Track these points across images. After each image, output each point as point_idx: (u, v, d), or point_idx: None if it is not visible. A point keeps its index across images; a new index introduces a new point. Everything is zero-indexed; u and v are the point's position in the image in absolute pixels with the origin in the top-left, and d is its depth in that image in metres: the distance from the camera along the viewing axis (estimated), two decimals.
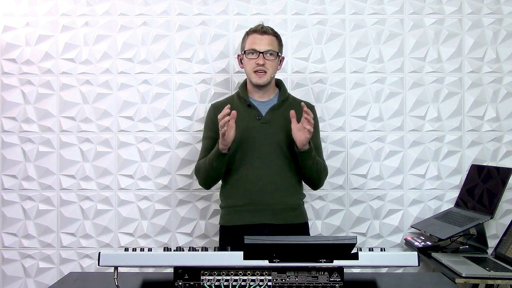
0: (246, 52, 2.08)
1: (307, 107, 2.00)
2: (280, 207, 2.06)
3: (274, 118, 2.10)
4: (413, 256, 1.46)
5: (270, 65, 2.07)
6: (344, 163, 2.62)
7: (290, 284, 1.46)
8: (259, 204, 2.05)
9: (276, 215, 2.06)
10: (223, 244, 2.11)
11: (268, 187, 2.05)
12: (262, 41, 2.07)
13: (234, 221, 2.09)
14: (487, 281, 2.01)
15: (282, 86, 2.20)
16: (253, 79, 2.08)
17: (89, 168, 2.61)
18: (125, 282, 1.56)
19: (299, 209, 2.15)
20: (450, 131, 2.62)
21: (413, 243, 2.43)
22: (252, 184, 2.05)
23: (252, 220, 2.05)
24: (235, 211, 2.10)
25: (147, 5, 2.61)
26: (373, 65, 2.62)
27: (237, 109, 2.13)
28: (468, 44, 2.61)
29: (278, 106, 2.12)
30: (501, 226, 2.55)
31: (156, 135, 2.62)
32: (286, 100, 2.16)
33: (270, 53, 2.07)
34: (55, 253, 2.62)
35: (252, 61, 2.07)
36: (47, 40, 2.61)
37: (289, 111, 2.11)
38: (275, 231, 2.04)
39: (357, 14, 2.62)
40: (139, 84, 2.61)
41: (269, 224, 2.05)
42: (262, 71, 2.06)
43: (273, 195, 2.05)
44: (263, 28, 2.10)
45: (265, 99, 2.14)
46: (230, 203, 2.12)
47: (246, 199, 2.06)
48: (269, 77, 2.08)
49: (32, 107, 2.61)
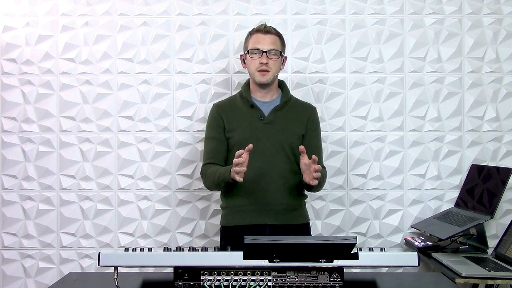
0: (250, 52, 2.10)
1: (312, 111, 2.12)
2: (281, 207, 2.07)
3: (277, 119, 2.11)
4: (413, 256, 1.46)
5: (273, 64, 2.09)
6: (344, 163, 2.62)
7: (290, 284, 1.46)
8: (261, 204, 2.05)
9: (277, 215, 2.06)
10: (224, 244, 2.11)
11: (270, 188, 2.05)
12: (265, 41, 2.08)
13: (235, 222, 2.10)
14: (487, 281, 2.01)
15: (284, 87, 2.21)
16: (257, 77, 2.09)
17: (89, 168, 2.61)
18: (125, 282, 1.56)
19: (301, 210, 2.16)
20: (450, 131, 2.62)
21: (413, 243, 2.43)
22: (253, 184, 2.05)
23: (253, 221, 2.05)
24: (236, 211, 2.10)
25: (147, 5, 2.61)
26: (373, 65, 2.62)
27: (240, 109, 2.14)
28: (468, 44, 2.61)
29: (280, 107, 2.13)
30: (501, 226, 2.55)
31: (156, 135, 2.62)
32: (288, 101, 2.17)
33: (273, 53, 2.08)
34: (55, 253, 2.62)
35: (256, 60, 2.08)
36: (47, 40, 2.61)
37: (291, 112, 2.13)
38: (276, 231, 2.04)
39: (357, 14, 2.62)
40: (139, 84, 2.61)
41: (270, 225, 2.05)
42: (265, 70, 2.07)
43: (275, 196, 2.06)
44: (266, 27, 2.11)
45: (268, 100, 2.15)
46: (231, 204, 2.12)
47: (248, 200, 2.07)
48: (272, 76, 2.10)
49: (32, 107, 2.61)
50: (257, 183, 2.05)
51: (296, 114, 2.15)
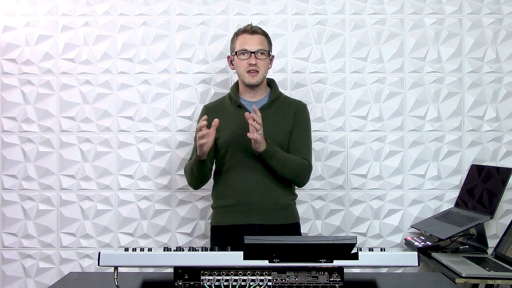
0: (238, 53, 2.08)
1: (300, 107, 2.06)
2: (269, 207, 2.06)
3: (264, 118, 2.07)
4: (413, 256, 1.46)
5: (262, 64, 2.07)
6: (344, 163, 2.62)
7: (290, 284, 1.46)
8: (249, 204, 2.05)
9: (266, 215, 2.05)
10: (214, 244, 2.11)
11: (258, 187, 2.04)
12: (252, 41, 2.07)
13: (224, 221, 2.10)
14: (487, 281, 2.01)
15: (273, 86, 2.19)
16: (246, 79, 2.08)
17: (89, 168, 2.61)
18: (125, 282, 1.56)
19: (290, 209, 2.14)
20: (450, 131, 2.62)
21: (413, 243, 2.43)
22: (241, 184, 2.05)
23: (242, 220, 2.05)
24: (225, 211, 2.10)
25: (147, 5, 2.61)
26: (373, 65, 2.62)
27: (228, 110, 2.13)
28: (468, 44, 2.61)
29: (268, 106, 2.12)
30: (501, 226, 2.55)
31: (156, 135, 2.62)
32: (277, 99, 2.15)
33: (261, 52, 2.06)
34: (55, 253, 2.62)
35: (244, 61, 2.06)
36: (47, 40, 2.61)
37: (279, 110, 2.11)
38: (265, 231, 2.03)
39: (357, 14, 2.62)
40: (139, 84, 2.61)
41: (259, 225, 2.04)
42: (255, 71, 2.06)
43: (263, 195, 2.05)
44: (253, 28, 2.10)
45: (257, 99, 2.14)
46: (220, 203, 2.13)
47: (236, 199, 2.06)
48: (261, 76, 2.08)
49: (32, 107, 2.61)
50: (245, 183, 2.05)
51: (284, 111, 2.13)
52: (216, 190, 2.16)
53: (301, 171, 2.08)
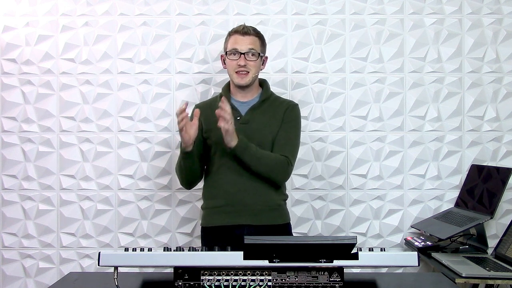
0: (228, 53, 2.07)
1: (289, 106, 2.07)
2: (259, 207, 2.04)
3: (254, 118, 2.08)
4: (413, 256, 1.46)
5: (252, 66, 2.06)
6: (344, 163, 2.62)
7: (290, 284, 1.46)
8: (238, 205, 2.04)
9: (255, 216, 2.04)
10: (203, 245, 2.10)
11: (247, 188, 2.03)
12: (243, 42, 2.06)
13: (213, 222, 2.09)
14: (487, 281, 2.01)
15: (265, 86, 2.18)
16: (235, 79, 2.08)
17: (89, 168, 2.61)
18: (125, 282, 1.56)
19: (280, 210, 2.12)
20: (450, 131, 2.62)
21: (413, 243, 2.43)
22: (231, 185, 2.04)
23: (231, 221, 2.04)
24: (215, 212, 2.09)
25: (147, 5, 2.61)
26: (373, 65, 2.62)
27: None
28: (468, 44, 2.61)
29: (258, 106, 2.11)
30: (501, 226, 2.55)
31: (156, 135, 2.62)
32: (267, 99, 2.14)
33: (251, 54, 2.05)
34: (55, 253, 2.62)
35: (234, 61, 2.06)
36: (47, 40, 2.61)
37: (269, 110, 2.10)
38: (254, 232, 2.01)
39: (357, 14, 2.62)
40: (139, 84, 2.62)
41: (248, 225, 2.03)
42: (244, 72, 2.05)
43: (252, 196, 2.03)
44: (245, 28, 2.08)
45: (248, 99, 2.13)
46: (210, 204, 2.12)
47: (225, 200, 2.05)
48: (251, 78, 2.07)
49: (32, 107, 2.61)
50: (234, 184, 2.04)
51: (274, 111, 2.11)
52: (206, 191, 2.15)
53: (275, 167, 2.02)
